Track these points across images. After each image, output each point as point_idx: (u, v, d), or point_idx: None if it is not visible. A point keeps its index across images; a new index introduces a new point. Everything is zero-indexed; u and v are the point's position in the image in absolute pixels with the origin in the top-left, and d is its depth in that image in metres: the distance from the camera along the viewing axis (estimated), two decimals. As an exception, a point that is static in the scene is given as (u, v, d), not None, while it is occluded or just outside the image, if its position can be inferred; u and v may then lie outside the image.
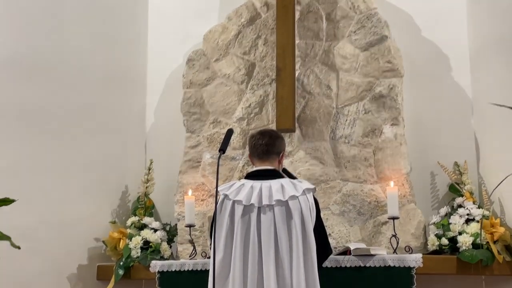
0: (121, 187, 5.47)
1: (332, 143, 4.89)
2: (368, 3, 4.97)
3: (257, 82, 5.16)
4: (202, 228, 5.02)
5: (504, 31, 4.54)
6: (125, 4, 5.66)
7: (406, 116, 4.88)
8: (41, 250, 4.81)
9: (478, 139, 4.85)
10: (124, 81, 5.57)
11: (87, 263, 5.17)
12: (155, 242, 5.04)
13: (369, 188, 4.73)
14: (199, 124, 5.24)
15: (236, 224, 3.53)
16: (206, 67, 5.30)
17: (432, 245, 4.49)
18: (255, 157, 3.79)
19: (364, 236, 4.67)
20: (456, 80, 5.01)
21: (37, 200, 4.84)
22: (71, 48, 5.19)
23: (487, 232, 4.35)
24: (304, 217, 3.50)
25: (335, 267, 4.17)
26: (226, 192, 3.62)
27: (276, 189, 3.56)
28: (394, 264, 4.10)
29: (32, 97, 4.94)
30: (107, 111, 5.40)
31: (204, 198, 5.09)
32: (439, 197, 4.89)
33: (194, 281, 4.55)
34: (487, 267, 4.28)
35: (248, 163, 4.97)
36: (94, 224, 5.19)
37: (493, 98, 4.37)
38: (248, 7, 5.29)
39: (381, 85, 4.81)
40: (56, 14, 5.14)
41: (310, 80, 5.02)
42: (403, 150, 4.71)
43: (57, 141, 5.04)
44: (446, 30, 5.05)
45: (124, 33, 5.63)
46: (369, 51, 4.90)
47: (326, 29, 5.06)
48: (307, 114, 4.98)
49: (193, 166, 5.19)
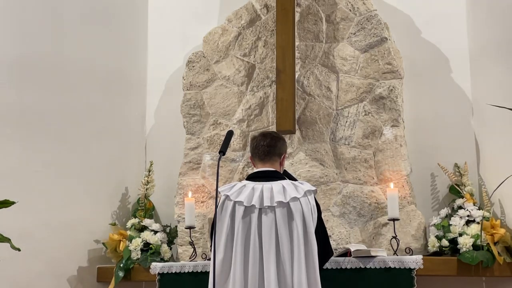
0: (121, 189, 5.47)
1: (332, 145, 4.89)
2: (368, 5, 4.97)
3: (257, 84, 5.17)
4: (202, 230, 5.02)
5: (504, 32, 4.54)
6: (125, 6, 5.67)
7: (406, 118, 4.88)
8: (41, 252, 4.81)
9: (478, 140, 4.85)
10: (124, 83, 5.58)
11: (87, 265, 5.17)
12: (155, 244, 5.04)
13: (369, 189, 4.73)
14: (199, 126, 5.24)
15: (236, 225, 3.53)
16: (206, 69, 5.31)
17: (432, 247, 4.49)
18: (256, 159, 3.80)
19: (365, 237, 4.67)
20: (456, 81, 5.01)
21: (37, 202, 4.85)
22: (71, 51, 5.20)
23: (488, 233, 4.35)
24: (306, 218, 3.50)
25: (335, 269, 4.17)
26: (227, 193, 3.62)
27: (278, 191, 3.56)
28: (395, 265, 4.10)
29: (32, 99, 4.94)
30: (107, 113, 5.40)
31: (204, 200, 5.10)
32: (439, 198, 4.89)
33: (195, 282, 4.55)
34: (488, 269, 4.28)
35: (248, 165, 4.97)
36: (94, 226, 5.20)
37: (493, 99, 4.38)
38: (248, 9, 5.29)
39: (381, 87, 4.82)
40: (56, 17, 5.15)
41: (310, 82, 5.02)
42: (403, 152, 4.71)
43: (57, 144, 5.05)
44: (446, 32, 5.05)
45: (124, 36, 5.64)
46: (369, 52, 4.90)
47: (326, 31, 5.07)
48: (307, 116, 4.98)
49: (193, 168, 5.19)
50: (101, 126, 5.34)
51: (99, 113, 5.34)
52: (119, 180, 5.45)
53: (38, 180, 4.89)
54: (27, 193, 4.72)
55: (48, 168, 4.97)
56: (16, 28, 4.93)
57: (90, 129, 5.26)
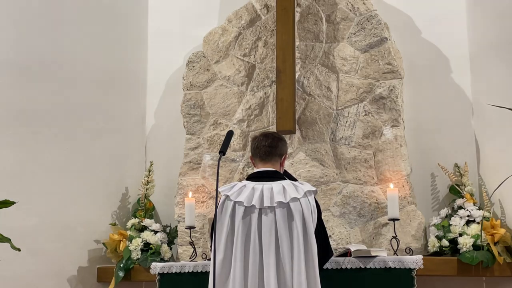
0: (121, 189, 5.47)
1: (332, 145, 4.89)
2: (368, 5, 4.97)
3: (257, 84, 5.17)
4: (202, 230, 5.02)
5: (503, 32, 4.54)
6: (125, 6, 5.67)
7: (406, 118, 4.88)
8: (41, 252, 4.81)
9: (478, 140, 4.85)
10: (124, 83, 5.58)
11: (87, 265, 5.17)
12: (155, 244, 5.04)
13: (369, 189, 4.73)
14: (199, 126, 5.24)
15: (236, 225, 3.53)
16: (206, 69, 5.31)
17: (432, 247, 4.50)
18: (257, 159, 3.80)
19: (365, 237, 4.67)
20: (456, 81, 5.01)
21: (37, 202, 4.85)
22: (71, 50, 5.20)
23: (488, 233, 4.35)
24: (305, 219, 3.50)
25: (335, 269, 4.17)
26: (227, 193, 3.62)
27: (278, 191, 3.56)
28: (395, 265, 4.10)
29: (32, 99, 4.94)
30: (107, 113, 5.41)
31: (204, 200, 5.10)
32: (439, 198, 4.89)
33: (195, 283, 4.54)
34: (488, 269, 4.28)
35: (248, 165, 4.97)
36: (94, 226, 5.20)
37: (493, 99, 4.38)
38: (248, 9, 5.29)
39: (381, 87, 4.82)
40: (56, 16, 5.15)
41: (310, 82, 5.02)
42: (403, 152, 4.71)
43: (57, 143, 5.05)
44: (446, 32, 5.05)
45: (125, 35, 5.64)
46: (369, 52, 4.90)
47: (326, 31, 5.07)
48: (307, 116, 4.98)
49: (193, 168, 5.19)
50: (101, 126, 5.34)
51: (99, 113, 5.34)
52: (119, 180, 5.45)
53: (38, 180, 4.89)
54: (27, 193, 4.72)
55: (48, 168, 4.97)
56: (16, 28, 4.93)
57: (90, 129, 5.27)
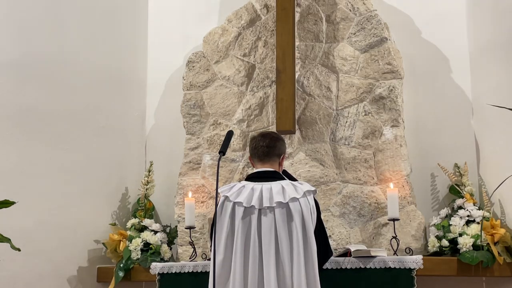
0: (121, 189, 5.47)
1: (332, 145, 4.89)
2: (368, 5, 4.97)
3: (257, 84, 5.17)
4: (202, 230, 5.02)
5: (503, 32, 4.54)
6: (125, 6, 5.67)
7: (406, 118, 4.88)
8: (41, 252, 4.81)
9: (478, 140, 4.85)
10: (124, 83, 5.58)
11: (87, 265, 5.17)
12: (155, 244, 5.04)
13: (369, 189, 4.73)
14: (199, 126, 5.24)
15: (236, 226, 3.53)
16: (206, 69, 5.31)
17: (432, 247, 4.49)
18: (256, 159, 3.80)
19: (365, 237, 4.67)
20: (456, 81, 5.01)
21: (37, 202, 4.84)
22: (71, 50, 5.20)
23: (488, 233, 4.35)
24: (305, 219, 3.50)
25: (335, 269, 4.17)
26: (226, 194, 3.62)
27: (277, 191, 3.56)
28: (395, 265, 4.10)
29: (32, 99, 4.94)
30: (107, 113, 5.40)
31: (204, 200, 5.10)
32: (439, 198, 4.89)
33: (195, 283, 4.54)
34: (488, 269, 4.28)
35: (248, 165, 4.97)
36: (94, 226, 5.20)
37: (493, 99, 4.38)
38: (248, 9, 5.29)
39: (381, 87, 4.82)
40: (56, 17, 5.15)
41: (310, 82, 5.02)
42: (403, 152, 4.71)
43: (57, 143, 5.04)
44: (446, 32, 5.06)
45: (124, 35, 5.64)
46: (369, 52, 4.90)
47: (326, 31, 5.07)
48: (307, 116, 4.98)
49: (193, 168, 5.19)
50: (101, 126, 5.34)
51: (99, 113, 5.34)
52: (119, 180, 5.45)
53: (38, 180, 4.89)
54: (27, 193, 4.72)
55: (48, 168, 4.97)
56: (16, 28, 4.93)
57: (90, 129, 5.26)
